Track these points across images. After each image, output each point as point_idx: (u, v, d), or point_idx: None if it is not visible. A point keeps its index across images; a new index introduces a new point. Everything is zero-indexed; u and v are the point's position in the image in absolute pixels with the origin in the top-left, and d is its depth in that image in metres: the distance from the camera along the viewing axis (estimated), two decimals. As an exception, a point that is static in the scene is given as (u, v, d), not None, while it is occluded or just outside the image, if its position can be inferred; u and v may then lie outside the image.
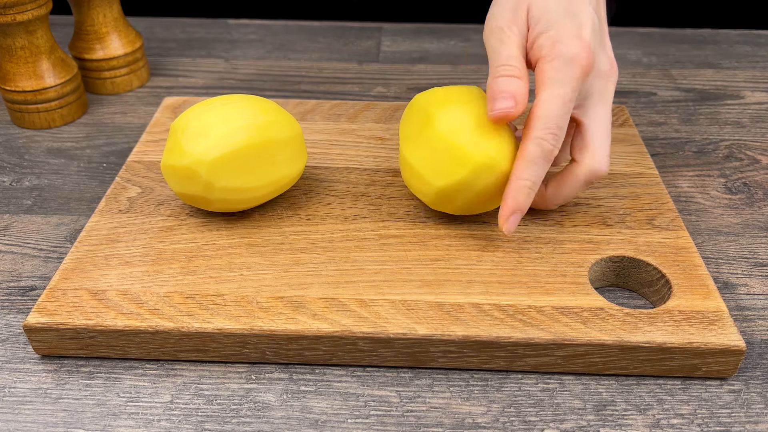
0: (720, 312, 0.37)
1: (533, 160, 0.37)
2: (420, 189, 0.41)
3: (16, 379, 0.36)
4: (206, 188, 0.40)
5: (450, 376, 0.37)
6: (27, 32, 0.53)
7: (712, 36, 0.73)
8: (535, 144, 0.37)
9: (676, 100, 0.61)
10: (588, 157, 0.39)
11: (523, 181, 0.38)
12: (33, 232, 0.46)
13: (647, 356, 0.35)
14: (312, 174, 0.47)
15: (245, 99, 0.42)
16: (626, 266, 0.41)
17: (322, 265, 0.40)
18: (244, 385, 0.36)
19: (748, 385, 0.36)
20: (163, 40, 0.72)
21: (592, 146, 0.39)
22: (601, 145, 0.39)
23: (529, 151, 0.37)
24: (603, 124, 0.39)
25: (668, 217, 0.43)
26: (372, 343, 0.36)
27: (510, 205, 0.38)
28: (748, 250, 0.44)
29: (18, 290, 0.42)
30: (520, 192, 0.38)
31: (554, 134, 0.37)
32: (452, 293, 0.38)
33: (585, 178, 0.40)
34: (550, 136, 0.37)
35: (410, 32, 0.73)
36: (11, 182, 0.51)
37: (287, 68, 0.67)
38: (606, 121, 0.39)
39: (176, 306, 0.37)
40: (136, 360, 0.37)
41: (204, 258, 0.40)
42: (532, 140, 0.37)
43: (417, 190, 0.41)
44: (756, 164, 0.53)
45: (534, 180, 0.38)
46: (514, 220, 0.38)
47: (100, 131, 0.57)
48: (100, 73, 0.61)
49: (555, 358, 0.36)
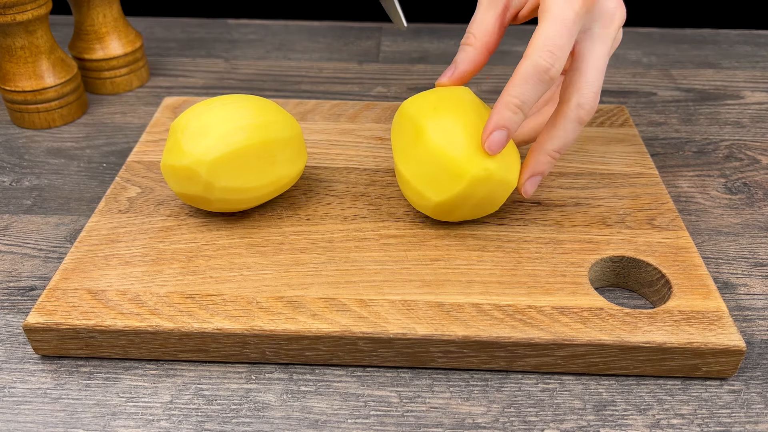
0: (720, 312, 0.37)
1: (525, 77, 0.36)
2: (418, 203, 0.41)
3: (16, 379, 0.36)
4: (206, 188, 0.40)
5: (450, 377, 0.37)
6: (27, 32, 0.53)
7: (712, 36, 0.73)
8: (528, 61, 0.36)
9: (676, 100, 0.61)
10: (574, 93, 0.38)
11: (510, 98, 0.36)
12: (33, 232, 0.46)
13: (647, 356, 0.35)
14: (312, 174, 0.47)
15: (245, 99, 0.42)
16: (626, 266, 0.41)
17: (322, 265, 0.40)
18: (244, 385, 0.36)
19: (748, 385, 0.36)
20: (163, 40, 0.72)
21: (579, 82, 0.38)
22: (588, 82, 0.38)
23: (522, 69, 0.36)
24: (594, 62, 0.38)
25: (668, 217, 0.43)
26: (372, 344, 0.36)
27: (494, 119, 0.37)
28: (748, 250, 0.44)
29: (18, 290, 0.42)
30: (505, 107, 0.36)
31: (551, 52, 0.35)
32: (452, 293, 0.38)
33: (571, 116, 0.38)
34: (546, 53, 0.35)
35: (410, 32, 0.73)
36: (11, 182, 0.51)
37: (287, 68, 0.67)
38: (599, 60, 0.38)
39: (176, 306, 0.37)
40: (136, 360, 0.37)
41: (204, 258, 0.40)
42: (526, 58, 0.36)
43: (416, 204, 0.41)
44: (756, 164, 0.53)
45: (523, 99, 0.36)
46: (498, 136, 0.37)
47: (100, 131, 0.57)
48: (100, 73, 0.61)
49: (555, 358, 0.36)
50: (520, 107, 0.37)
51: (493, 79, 0.64)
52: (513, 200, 0.45)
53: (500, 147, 0.37)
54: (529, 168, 0.40)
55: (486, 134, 0.37)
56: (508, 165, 0.39)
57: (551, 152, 0.39)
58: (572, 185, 0.46)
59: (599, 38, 0.38)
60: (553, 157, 0.40)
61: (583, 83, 0.38)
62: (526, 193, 0.40)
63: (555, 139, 0.39)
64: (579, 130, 0.39)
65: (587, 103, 0.38)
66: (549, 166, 0.40)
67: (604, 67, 0.38)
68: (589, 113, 0.38)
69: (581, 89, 0.38)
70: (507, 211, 0.44)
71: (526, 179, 0.40)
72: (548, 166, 0.40)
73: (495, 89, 0.62)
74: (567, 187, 0.46)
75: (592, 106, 0.38)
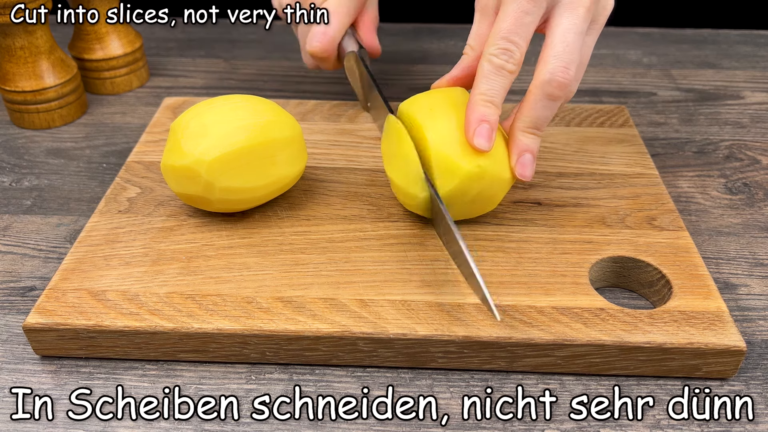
0: (720, 312, 0.37)
1: (485, 75, 0.38)
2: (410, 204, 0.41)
3: (16, 379, 0.36)
4: (206, 188, 0.40)
5: (450, 377, 0.37)
6: (27, 32, 0.53)
7: (712, 36, 0.73)
8: (485, 60, 0.38)
9: (676, 100, 0.61)
10: (542, 68, 0.38)
11: (479, 96, 0.38)
12: (32, 232, 0.46)
13: (647, 356, 0.35)
14: (312, 174, 0.47)
15: (245, 99, 0.42)
16: (626, 266, 0.40)
17: (322, 265, 0.39)
18: (244, 385, 0.36)
19: (749, 385, 0.36)
20: (163, 40, 0.72)
21: (546, 56, 0.38)
22: (555, 55, 0.38)
23: (481, 68, 0.38)
24: (561, 36, 0.38)
25: (668, 218, 0.43)
26: (372, 344, 0.36)
27: (469, 118, 0.38)
28: (749, 251, 0.44)
29: (18, 290, 0.42)
30: (476, 104, 0.38)
31: (503, 48, 0.37)
32: (452, 293, 0.38)
33: (539, 92, 0.38)
34: (498, 51, 0.37)
35: (410, 32, 0.73)
36: (11, 182, 0.51)
37: (287, 68, 0.67)
38: (566, 33, 0.38)
39: (176, 306, 0.37)
40: (135, 360, 0.37)
41: (204, 258, 0.40)
42: (483, 57, 0.38)
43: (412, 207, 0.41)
44: (756, 164, 0.53)
45: (490, 94, 0.38)
46: (481, 130, 0.37)
47: (99, 131, 0.57)
48: (100, 73, 0.61)
49: (555, 358, 0.36)
50: (489, 100, 0.38)
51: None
52: (513, 200, 0.44)
53: (487, 139, 0.37)
54: (511, 148, 0.39)
55: (470, 131, 0.38)
56: (501, 161, 0.39)
57: (525, 129, 0.39)
58: (572, 185, 0.46)
59: (565, 12, 0.38)
60: (532, 134, 0.39)
61: (551, 57, 0.38)
62: (520, 175, 0.39)
63: (526, 117, 0.39)
64: (552, 106, 0.38)
65: (555, 78, 0.37)
66: (532, 143, 0.39)
67: (575, 40, 0.38)
68: (560, 87, 0.38)
69: (548, 63, 0.38)
70: (507, 212, 0.44)
71: (514, 161, 0.39)
72: (531, 143, 0.39)
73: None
74: (567, 187, 0.46)
75: (563, 81, 0.37)
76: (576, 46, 0.38)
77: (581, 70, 0.40)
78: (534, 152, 0.39)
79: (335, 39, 0.49)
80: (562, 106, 0.46)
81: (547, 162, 0.48)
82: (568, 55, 0.38)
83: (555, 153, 0.49)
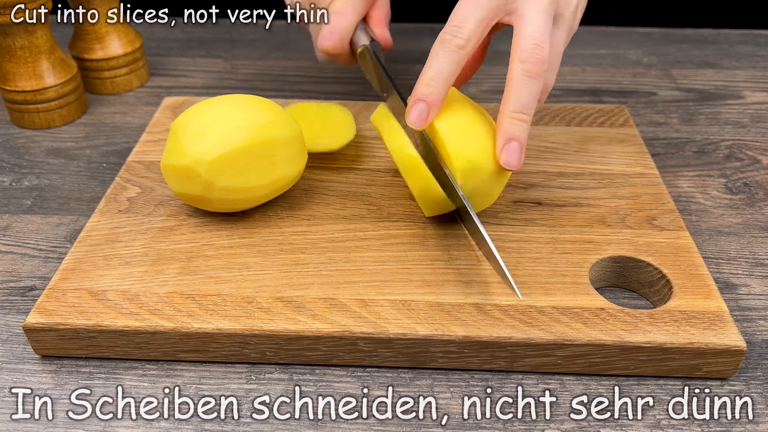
0: (721, 312, 0.37)
1: (435, 52, 0.39)
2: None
3: (16, 379, 0.36)
4: (206, 188, 0.40)
5: (450, 377, 0.37)
6: (27, 32, 0.53)
7: (712, 36, 0.73)
8: (437, 39, 0.39)
9: (677, 100, 0.61)
10: (515, 51, 0.39)
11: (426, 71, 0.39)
12: (33, 232, 0.46)
13: (648, 356, 0.35)
14: (312, 174, 0.47)
15: (245, 99, 0.42)
16: (627, 266, 0.40)
17: (322, 265, 0.39)
18: (244, 385, 0.36)
19: (749, 385, 0.36)
20: (163, 40, 0.72)
21: (517, 39, 0.39)
22: (525, 36, 0.38)
23: (433, 47, 0.39)
24: (529, 19, 0.39)
25: (669, 217, 0.43)
26: (372, 344, 0.36)
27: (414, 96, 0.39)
28: (749, 251, 0.44)
29: (18, 290, 0.42)
30: (420, 83, 0.39)
31: (455, 26, 0.38)
32: (452, 293, 0.38)
33: (516, 74, 0.38)
34: (451, 28, 0.39)
35: (410, 32, 0.73)
36: (11, 182, 0.51)
37: (287, 68, 0.67)
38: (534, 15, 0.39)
39: (176, 306, 0.37)
40: (135, 360, 0.37)
41: (204, 258, 0.40)
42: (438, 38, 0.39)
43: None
44: (756, 164, 0.53)
45: (435, 69, 0.38)
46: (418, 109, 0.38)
47: (99, 131, 0.57)
48: (100, 73, 0.61)
49: (555, 358, 0.36)
50: (433, 78, 0.38)
51: (493, 78, 0.64)
52: (513, 200, 0.44)
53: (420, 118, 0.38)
54: (498, 135, 0.39)
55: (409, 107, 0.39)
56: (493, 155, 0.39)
57: (511, 114, 0.39)
58: (572, 185, 0.46)
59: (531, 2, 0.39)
60: (519, 119, 0.39)
61: (521, 38, 0.39)
62: (505, 163, 0.38)
63: (509, 102, 0.39)
64: (533, 85, 0.38)
65: (528, 58, 0.38)
66: (519, 130, 0.38)
67: (544, 21, 0.39)
68: (536, 64, 0.38)
69: (519, 44, 0.39)
70: (507, 211, 0.44)
71: (501, 148, 0.38)
72: (518, 130, 0.38)
73: (494, 89, 0.62)
74: (567, 187, 0.46)
75: (537, 58, 0.38)
76: (545, 27, 0.39)
77: (555, 59, 0.41)
78: (521, 141, 0.38)
79: (344, 37, 0.49)
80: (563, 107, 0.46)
81: (547, 162, 0.48)
82: (538, 34, 0.39)
83: (555, 153, 0.49)
